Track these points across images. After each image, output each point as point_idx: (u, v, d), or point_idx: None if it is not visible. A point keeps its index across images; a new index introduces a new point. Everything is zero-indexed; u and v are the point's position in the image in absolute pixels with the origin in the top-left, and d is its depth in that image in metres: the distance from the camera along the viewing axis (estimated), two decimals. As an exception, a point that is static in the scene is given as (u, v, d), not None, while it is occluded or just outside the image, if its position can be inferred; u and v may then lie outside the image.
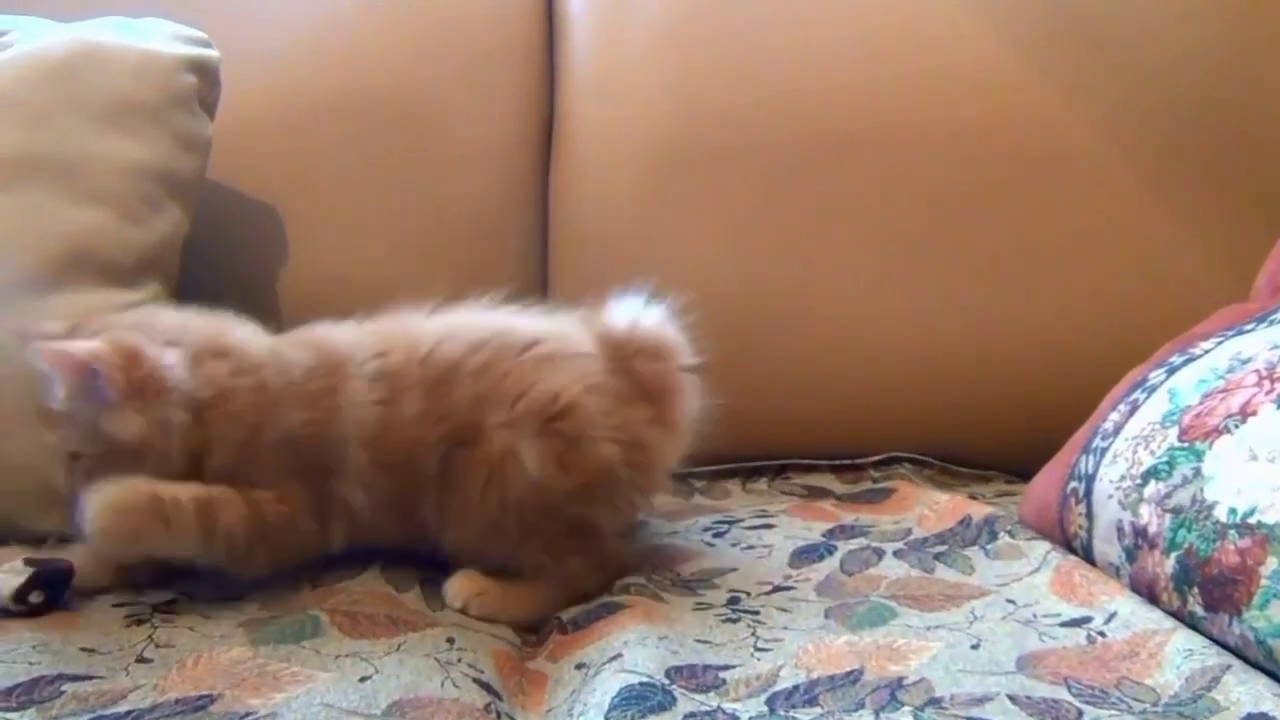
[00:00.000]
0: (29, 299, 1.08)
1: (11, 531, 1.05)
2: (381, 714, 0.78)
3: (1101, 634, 0.88)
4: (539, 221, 1.44)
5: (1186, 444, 0.95)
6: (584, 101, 1.46)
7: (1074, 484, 1.05)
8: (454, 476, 0.99)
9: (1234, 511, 0.87)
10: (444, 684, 0.82)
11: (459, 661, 0.86)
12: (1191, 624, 0.88)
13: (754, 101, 1.41)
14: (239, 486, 0.96)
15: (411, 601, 0.97)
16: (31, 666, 0.83)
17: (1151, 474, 0.96)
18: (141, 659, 0.85)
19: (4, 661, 0.84)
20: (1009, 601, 0.95)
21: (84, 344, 0.93)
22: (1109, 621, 0.89)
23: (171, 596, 0.96)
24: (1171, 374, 1.04)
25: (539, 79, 1.49)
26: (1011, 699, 0.78)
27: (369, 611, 0.93)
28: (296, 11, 1.46)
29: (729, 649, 0.89)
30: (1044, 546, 1.03)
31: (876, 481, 1.32)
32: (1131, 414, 1.04)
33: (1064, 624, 0.90)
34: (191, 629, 0.90)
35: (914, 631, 0.90)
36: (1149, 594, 0.93)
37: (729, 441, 1.11)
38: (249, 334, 1.01)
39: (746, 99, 1.41)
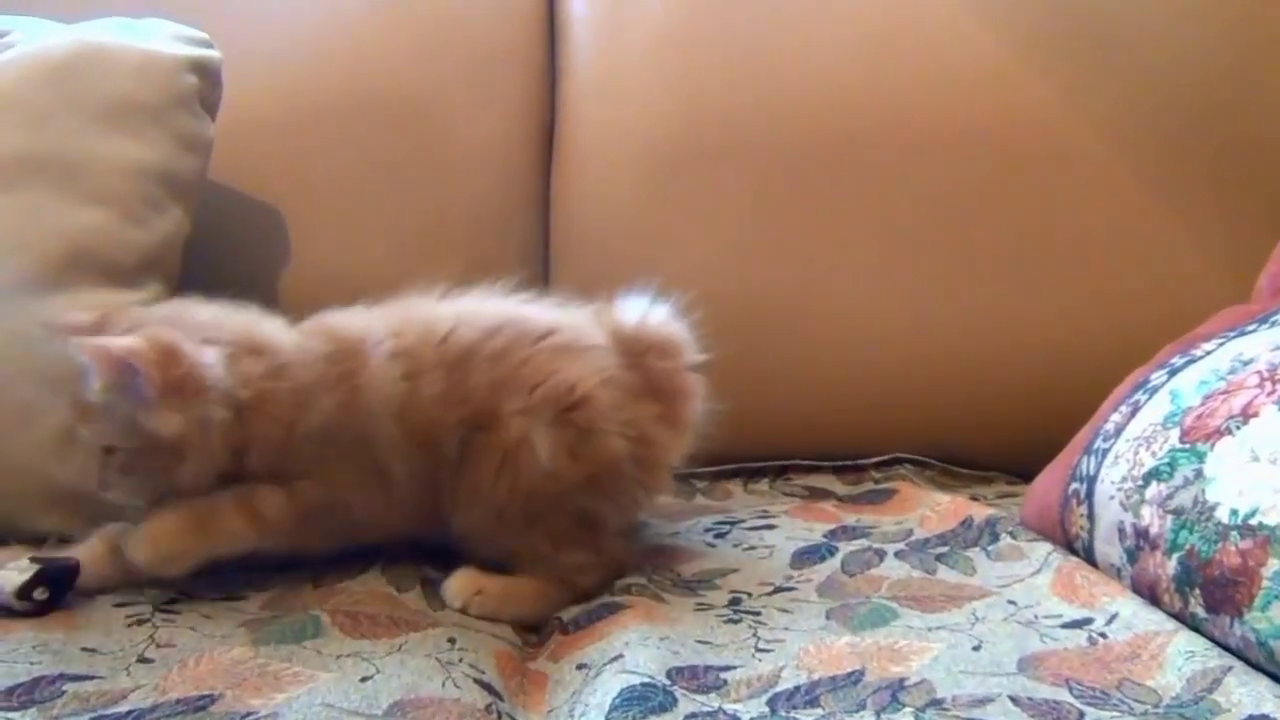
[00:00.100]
0: (30, 299, 1.08)
1: (12, 531, 1.05)
2: (382, 714, 0.78)
3: (1103, 635, 0.88)
4: (540, 221, 1.44)
5: (1188, 445, 0.95)
6: (585, 102, 1.46)
7: (1075, 485, 1.05)
8: (470, 460, 1.00)
9: (1235, 513, 0.87)
10: (445, 684, 0.82)
11: (460, 662, 0.86)
12: (1193, 625, 0.88)
13: (755, 102, 1.41)
14: (281, 480, 0.97)
15: (413, 601, 0.97)
16: (32, 666, 0.83)
17: (1153, 475, 0.96)
18: (143, 659, 0.85)
19: (5, 661, 0.84)
20: (1010, 603, 0.95)
21: (122, 340, 0.93)
22: (1110, 623, 0.89)
23: (173, 596, 0.96)
24: (1173, 375, 1.04)
25: (540, 79, 1.49)
26: (1013, 700, 0.78)
27: (370, 611, 0.93)
28: (298, 12, 1.46)
29: (730, 650, 0.89)
30: (1045, 548, 1.03)
31: (878, 482, 1.32)
32: (1133, 415, 1.04)
33: (1065, 625, 0.90)
34: (193, 629, 0.90)
35: (915, 632, 0.90)
36: (1150, 595, 0.93)
37: (730, 442, 1.11)
38: (277, 328, 1.02)
39: (747, 99, 1.41)
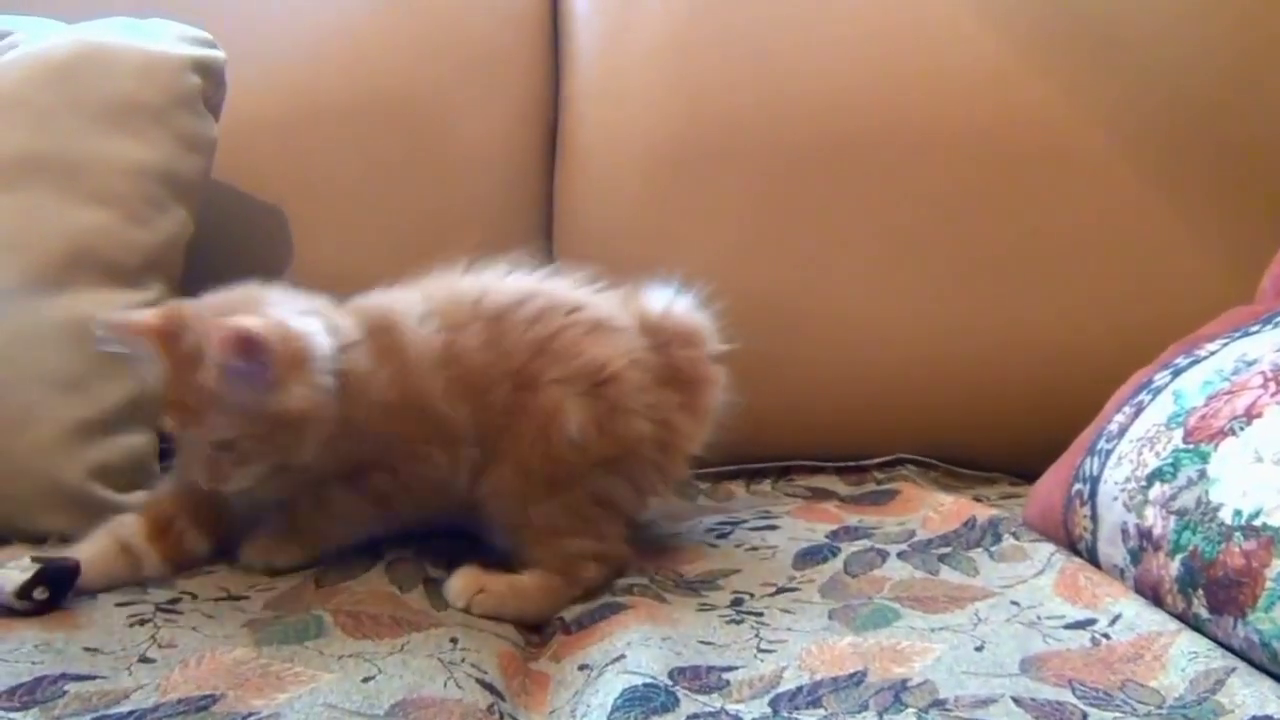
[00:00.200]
0: (32, 299, 1.09)
1: (13, 532, 1.05)
2: (384, 714, 0.78)
3: (1106, 636, 0.88)
4: (543, 222, 1.44)
5: (1192, 446, 0.94)
6: (588, 102, 1.46)
7: (1079, 486, 1.05)
8: (514, 415, 1.01)
9: (1239, 514, 0.87)
10: (447, 684, 0.82)
11: (462, 662, 0.86)
12: (1196, 626, 0.88)
13: (756, 102, 1.41)
14: (349, 464, 1.00)
15: (415, 601, 0.97)
16: (34, 666, 0.83)
17: (1156, 476, 0.96)
18: (144, 659, 0.85)
19: (7, 661, 0.84)
20: (1013, 603, 0.95)
21: (244, 320, 0.92)
22: (1113, 624, 0.89)
23: (175, 596, 0.96)
24: (1177, 376, 1.04)
25: (542, 80, 1.49)
26: (1016, 701, 0.78)
27: (372, 611, 0.93)
28: (301, 12, 1.46)
29: (732, 650, 0.89)
30: (1048, 548, 1.03)
31: (880, 483, 1.32)
32: (1136, 416, 1.03)
33: (1068, 626, 0.90)
34: (194, 629, 0.90)
35: (918, 633, 0.90)
36: (1153, 596, 0.93)
37: (732, 442, 1.11)
38: (336, 309, 1.03)
39: (749, 100, 1.41)
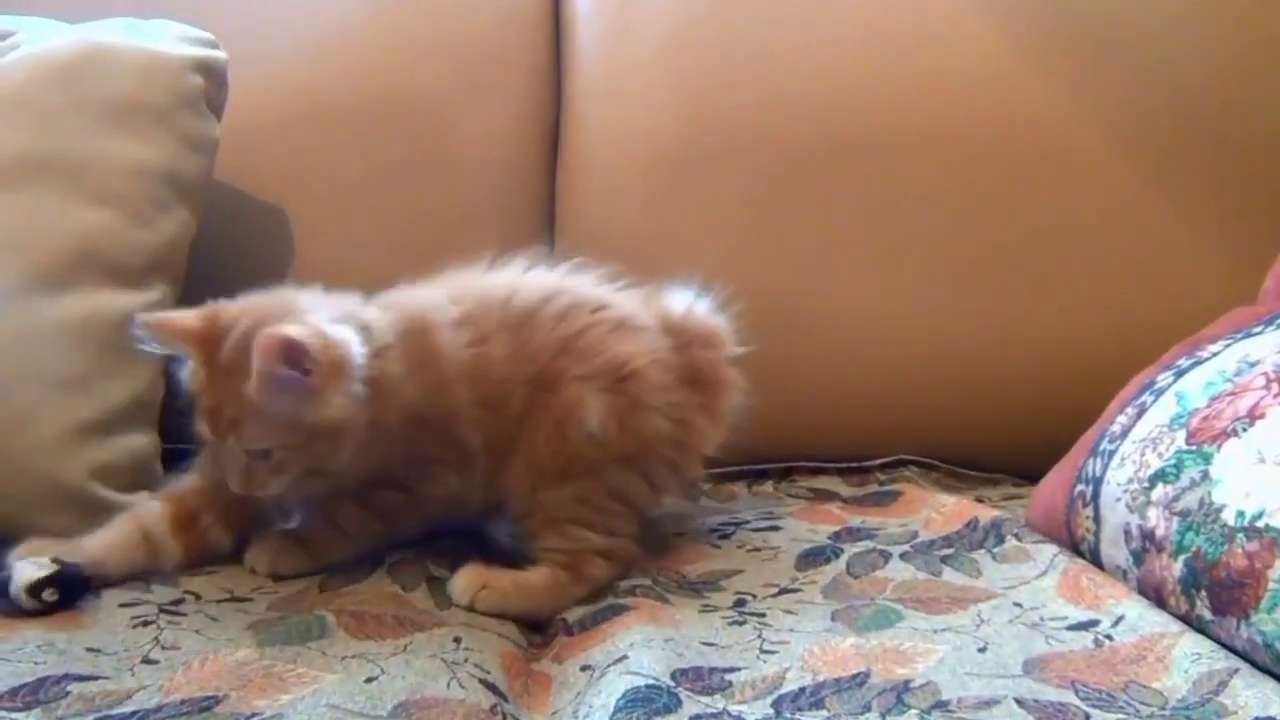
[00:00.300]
0: (35, 299, 1.08)
1: (14, 532, 1.05)
2: (387, 715, 0.78)
3: (1109, 637, 0.87)
4: (545, 223, 1.44)
5: (1194, 447, 0.94)
6: (589, 102, 1.46)
7: (1081, 487, 1.05)
8: (530, 416, 1.02)
9: (1242, 515, 0.87)
10: (450, 684, 0.82)
11: (465, 662, 0.86)
12: (1199, 627, 0.88)
13: (758, 102, 1.41)
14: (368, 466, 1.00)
15: (419, 600, 0.97)
16: (37, 666, 0.83)
17: (1159, 477, 0.96)
18: (147, 660, 0.85)
19: (10, 661, 0.84)
20: (1016, 605, 0.95)
21: (290, 326, 0.93)
22: (1116, 625, 0.89)
23: (178, 596, 0.96)
24: (1179, 377, 1.04)
25: (544, 80, 1.49)
26: (1018, 702, 0.78)
27: (376, 612, 0.93)
28: (302, 12, 1.46)
29: (735, 651, 0.89)
30: (1051, 549, 1.03)
31: (883, 484, 1.32)
32: (1139, 417, 1.03)
33: (1071, 627, 0.90)
34: (198, 632, 0.90)
35: (920, 634, 0.90)
36: (1156, 597, 0.93)
37: (735, 443, 1.12)
38: (371, 310, 1.03)
39: (751, 100, 1.41)
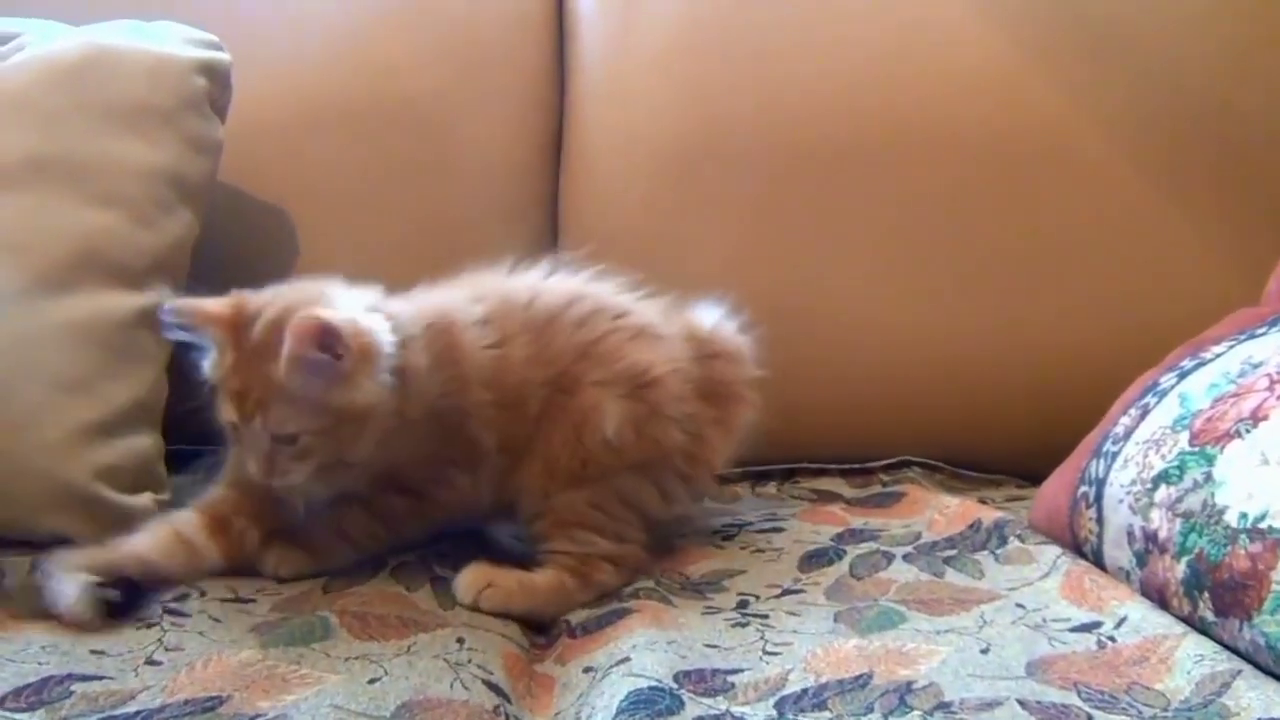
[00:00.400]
0: (39, 300, 1.09)
1: (16, 533, 1.06)
2: (390, 715, 0.78)
3: (1111, 639, 0.87)
4: (549, 225, 1.44)
5: (1197, 448, 0.94)
6: (594, 104, 1.46)
7: (1084, 488, 1.05)
8: (548, 418, 1.03)
9: (1245, 516, 0.87)
10: (453, 685, 0.82)
11: (469, 663, 0.86)
12: (1202, 629, 0.87)
13: (763, 105, 1.41)
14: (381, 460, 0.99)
15: (422, 601, 0.98)
16: (40, 667, 0.83)
17: (1162, 478, 0.96)
18: (151, 661, 0.85)
19: (14, 661, 0.84)
20: (1019, 606, 0.94)
21: (326, 311, 0.93)
22: (1119, 626, 0.89)
23: (183, 593, 0.96)
24: (1182, 378, 1.04)
25: (548, 82, 1.49)
26: (1021, 704, 0.78)
27: (379, 612, 0.93)
28: (306, 15, 1.46)
29: (738, 653, 0.89)
30: (1054, 551, 1.03)
31: (886, 485, 1.32)
32: (1142, 418, 1.03)
33: (1074, 629, 0.90)
34: (201, 633, 0.90)
35: (923, 636, 0.90)
36: (1159, 599, 0.93)
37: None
38: (398, 303, 1.03)
39: (755, 102, 1.41)
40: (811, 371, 1.35)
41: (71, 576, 0.91)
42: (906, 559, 1.06)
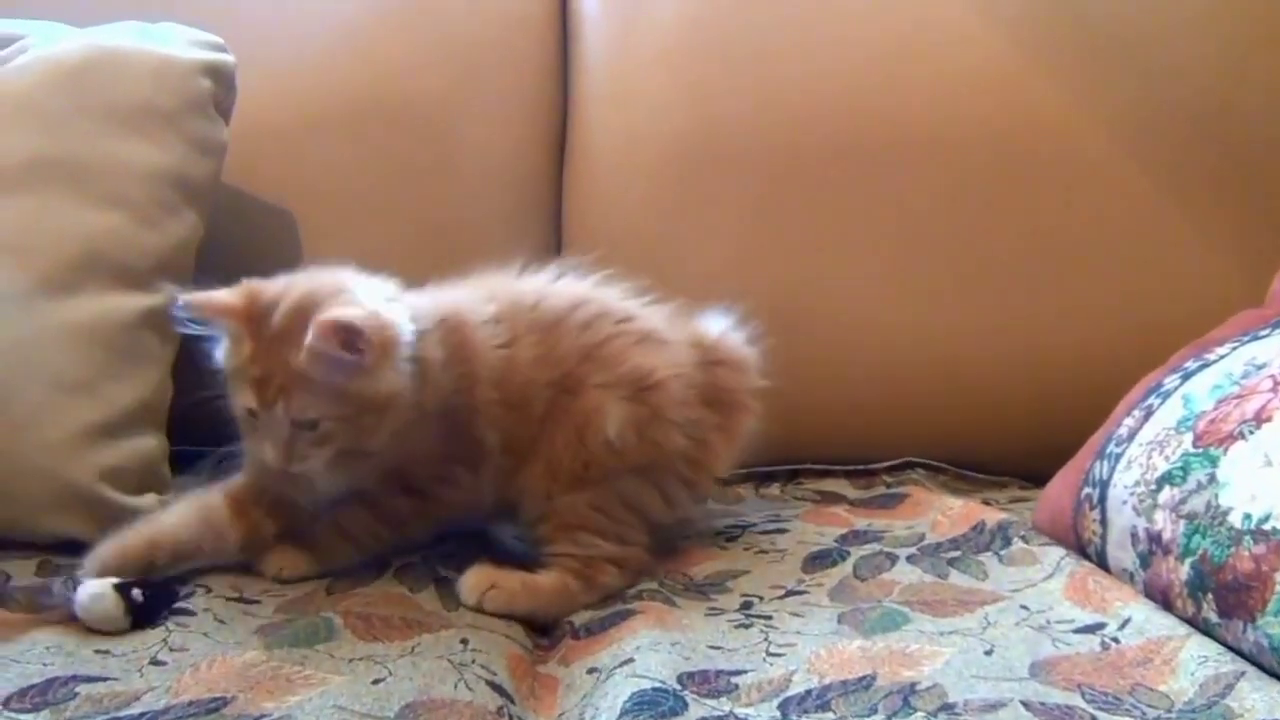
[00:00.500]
0: (43, 301, 1.09)
1: (20, 534, 1.06)
2: (395, 716, 0.78)
3: (1115, 640, 0.87)
4: (553, 225, 1.44)
5: (1201, 450, 0.94)
6: (597, 105, 1.46)
7: (1088, 490, 1.05)
8: (552, 420, 1.03)
9: (1249, 517, 0.87)
10: (457, 686, 0.82)
11: (472, 663, 0.86)
12: (1205, 630, 0.87)
13: (766, 105, 1.41)
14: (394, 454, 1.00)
15: (426, 602, 0.98)
16: (45, 668, 0.84)
17: (1166, 480, 0.96)
18: (155, 661, 0.85)
19: (18, 663, 0.84)
20: (1022, 607, 0.94)
21: (350, 309, 0.94)
22: (1123, 628, 0.89)
23: (188, 590, 0.96)
24: (1186, 379, 1.04)
25: (552, 84, 1.49)
26: (1025, 705, 0.78)
27: (383, 613, 0.94)
28: (309, 17, 1.46)
29: (741, 654, 0.89)
30: (1058, 552, 1.03)
31: (890, 486, 1.32)
32: (1146, 419, 1.03)
33: (1077, 630, 0.90)
34: (205, 634, 0.90)
35: (927, 637, 0.90)
36: (1163, 600, 0.93)
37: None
38: (412, 298, 1.04)
39: (758, 103, 1.41)
40: (814, 372, 1.35)
41: (96, 582, 0.92)
42: (910, 560, 1.06)
